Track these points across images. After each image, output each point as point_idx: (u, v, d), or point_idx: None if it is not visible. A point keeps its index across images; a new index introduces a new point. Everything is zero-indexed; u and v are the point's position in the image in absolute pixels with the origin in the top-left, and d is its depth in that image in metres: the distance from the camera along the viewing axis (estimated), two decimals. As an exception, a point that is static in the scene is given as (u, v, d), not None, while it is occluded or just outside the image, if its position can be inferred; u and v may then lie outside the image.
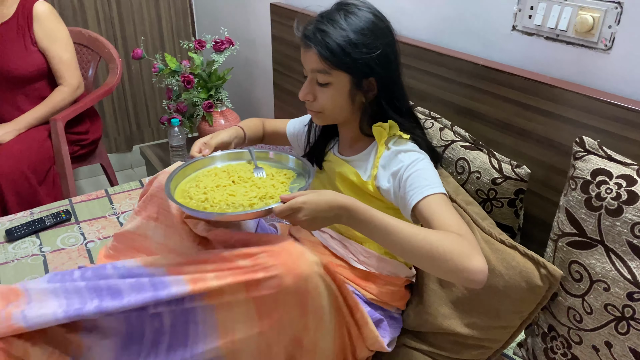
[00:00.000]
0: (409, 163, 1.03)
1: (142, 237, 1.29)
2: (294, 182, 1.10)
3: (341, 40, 1.00)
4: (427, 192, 0.99)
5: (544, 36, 1.18)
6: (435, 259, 0.88)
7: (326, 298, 0.93)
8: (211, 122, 2.27)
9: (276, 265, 0.88)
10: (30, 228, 1.60)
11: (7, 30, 1.92)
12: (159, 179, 1.24)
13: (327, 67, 1.02)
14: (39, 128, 1.98)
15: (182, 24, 2.93)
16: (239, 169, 1.13)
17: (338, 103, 1.07)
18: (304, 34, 1.06)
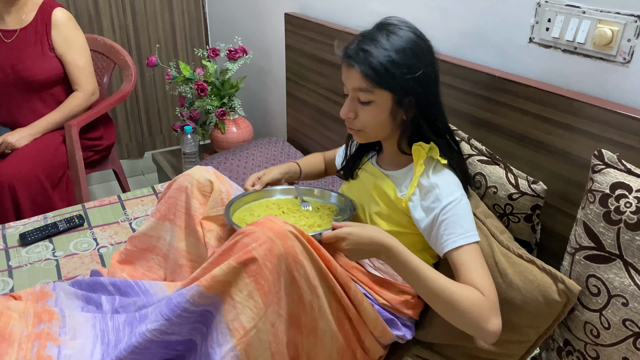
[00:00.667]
0: (446, 204, 1.04)
1: (155, 238, 1.31)
2: (337, 214, 1.22)
3: (384, 59, 1.01)
4: (460, 242, 1.01)
5: (562, 49, 1.18)
6: (455, 314, 0.95)
7: (309, 264, 0.97)
8: (223, 129, 2.28)
9: (256, 231, 0.95)
10: (43, 232, 1.61)
11: (25, 35, 1.95)
12: (179, 181, 1.27)
13: (370, 86, 1.03)
14: (54, 133, 2.00)
15: (196, 33, 2.95)
16: (288, 202, 1.28)
17: (379, 121, 1.08)
18: (346, 53, 1.07)
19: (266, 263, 0.93)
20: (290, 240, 0.95)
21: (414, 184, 1.09)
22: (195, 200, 1.25)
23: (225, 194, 1.27)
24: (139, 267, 1.33)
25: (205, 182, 1.27)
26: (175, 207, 1.28)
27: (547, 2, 1.19)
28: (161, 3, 2.79)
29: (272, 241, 0.94)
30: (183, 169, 2.29)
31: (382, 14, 1.71)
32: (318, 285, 0.99)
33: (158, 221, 1.30)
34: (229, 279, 0.94)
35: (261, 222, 0.97)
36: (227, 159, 2.01)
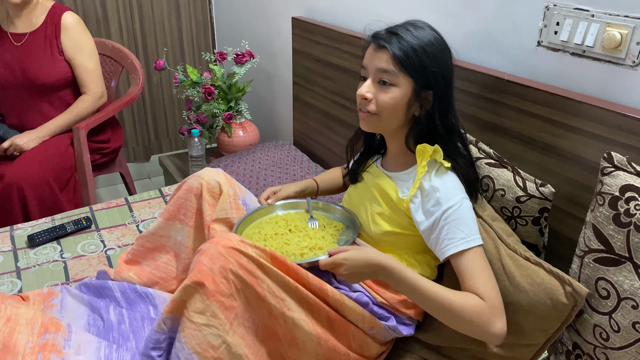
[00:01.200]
0: (446, 208, 1.04)
1: (165, 237, 1.33)
2: (342, 234, 1.24)
3: (415, 44, 1.04)
4: (461, 246, 1.02)
5: (570, 52, 1.18)
6: (458, 322, 0.98)
7: (270, 278, 0.98)
8: (230, 133, 2.29)
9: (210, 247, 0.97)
10: (51, 234, 1.62)
11: (35, 39, 1.97)
12: (189, 182, 1.28)
13: (397, 69, 1.05)
14: (62, 136, 2.01)
15: (203, 37, 2.97)
16: (296, 218, 1.30)
17: (396, 107, 1.08)
18: (377, 34, 1.09)
19: (222, 280, 0.94)
20: (244, 257, 0.96)
21: (416, 185, 1.09)
22: (205, 203, 1.26)
23: (233, 197, 1.28)
24: (145, 267, 1.34)
25: (215, 184, 1.28)
26: (186, 207, 1.29)
27: (555, 6, 1.19)
28: (169, 7, 2.81)
29: (225, 258, 0.95)
30: (190, 172, 2.30)
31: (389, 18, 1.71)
32: (285, 297, 0.99)
33: (167, 221, 1.31)
34: (184, 298, 0.95)
35: (216, 240, 0.98)
36: (233, 162, 2.02)
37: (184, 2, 2.84)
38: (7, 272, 1.46)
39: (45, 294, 1.29)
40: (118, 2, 2.66)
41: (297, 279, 1.02)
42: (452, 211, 1.04)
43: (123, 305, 1.26)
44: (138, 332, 1.18)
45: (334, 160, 2.04)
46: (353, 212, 1.25)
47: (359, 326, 1.09)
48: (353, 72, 1.81)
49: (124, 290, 1.28)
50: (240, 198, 1.30)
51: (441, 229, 1.05)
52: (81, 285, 1.34)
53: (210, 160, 2.40)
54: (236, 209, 1.26)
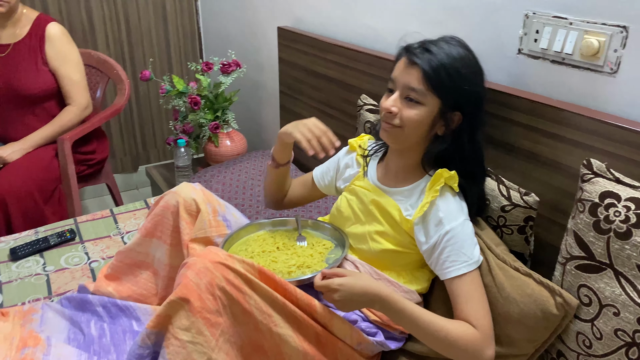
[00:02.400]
0: (449, 230, 1.05)
1: (143, 254, 1.31)
2: (331, 252, 1.23)
3: (448, 64, 1.02)
4: (463, 269, 1.04)
5: (550, 59, 1.19)
6: (451, 351, 1.00)
7: (257, 294, 0.97)
8: (217, 143, 2.28)
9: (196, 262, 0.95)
10: (34, 247, 1.59)
11: (19, 49, 1.96)
12: (166, 198, 1.25)
13: (426, 88, 1.03)
14: (46, 147, 2.00)
15: (190, 47, 2.97)
16: (285, 236, 1.28)
17: (421, 124, 1.07)
18: (410, 49, 1.07)
19: (208, 296, 0.93)
20: (231, 273, 0.95)
21: (424, 207, 1.08)
22: (182, 221, 1.23)
23: (212, 214, 1.25)
24: (125, 282, 1.32)
25: (191, 202, 1.24)
26: (163, 224, 1.26)
27: (535, 14, 1.20)
28: (156, 18, 2.81)
29: (212, 273, 0.94)
30: (176, 182, 2.29)
31: (375, 28, 1.73)
32: (272, 313, 0.98)
33: (145, 238, 1.29)
34: (169, 313, 0.94)
35: (203, 254, 0.97)
36: (220, 172, 2.01)
37: (172, 12, 2.84)
38: (-12, 286, 1.44)
39: (25, 310, 1.27)
40: (105, 13, 2.66)
41: (285, 294, 1.01)
42: (454, 233, 1.05)
43: (105, 319, 1.24)
44: (119, 345, 1.16)
45: (320, 169, 2.03)
46: (343, 231, 1.24)
47: (346, 342, 1.08)
48: (339, 81, 1.82)
49: (105, 304, 1.26)
50: (220, 214, 1.28)
51: (443, 250, 1.05)
52: (62, 299, 1.32)
53: (197, 170, 2.39)
54: (216, 226, 1.25)
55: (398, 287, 1.13)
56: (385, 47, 1.67)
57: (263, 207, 1.80)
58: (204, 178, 1.99)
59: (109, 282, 1.32)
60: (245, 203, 1.83)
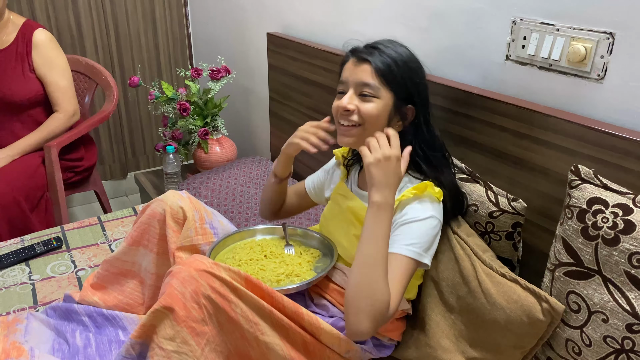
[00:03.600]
0: (410, 217, 1.05)
1: (129, 263, 1.29)
2: (318, 261, 1.22)
3: (397, 58, 1.07)
4: (400, 250, 1.02)
5: (538, 66, 1.19)
6: (362, 289, 0.97)
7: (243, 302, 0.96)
8: (206, 149, 2.27)
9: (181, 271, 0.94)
10: (19, 256, 1.57)
11: (5, 56, 1.93)
12: (152, 206, 1.24)
13: (379, 82, 1.06)
14: (33, 154, 1.97)
15: (180, 53, 2.96)
16: (272, 244, 1.27)
17: (379, 118, 1.08)
18: (357, 49, 1.10)
19: (193, 305, 0.92)
20: (217, 281, 0.94)
21: (395, 204, 1.07)
22: (169, 229, 1.22)
23: (199, 221, 1.24)
24: (111, 292, 1.30)
25: (178, 210, 1.23)
26: (149, 233, 1.25)
27: (522, 20, 1.20)
28: (145, 24, 2.80)
29: (197, 281, 0.93)
30: (165, 189, 2.27)
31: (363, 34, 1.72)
32: (259, 321, 0.97)
33: (131, 246, 1.28)
34: (153, 323, 0.92)
35: (188, 262, 0.96)
36: (209, 178, 2.00)
37: (161, 18, 2.83)
38: (-28, 296, 1.42)
39: (10, 320, 1.25)
40: (93, 19, 2.64)
41: (272, 302, 1.00)
42: (412, 221, 1.04)
43: (91, 329, 1.22)
44: (105, 355, 1.15)
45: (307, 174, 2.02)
46: (331, 240, 1.24)
47: (334, 350, 1.07)
48: (328, 87, 1.81)
49: (91, 314, 1.24)
50: (207, 222, 1.26)
51: (396, 228, 1.05)
52: (47, 309, 1.30)
53: (186, 176, 2.38)
54: (202, 234, 1.23)
55: None
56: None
57: (252, 214, 1.79)
58: (193, 185, 1.97)
59: (95, 292, 1.31)
60: (235, 210, 1.81)
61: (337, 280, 1.17)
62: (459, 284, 1.11)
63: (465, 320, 1.10)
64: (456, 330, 1.10)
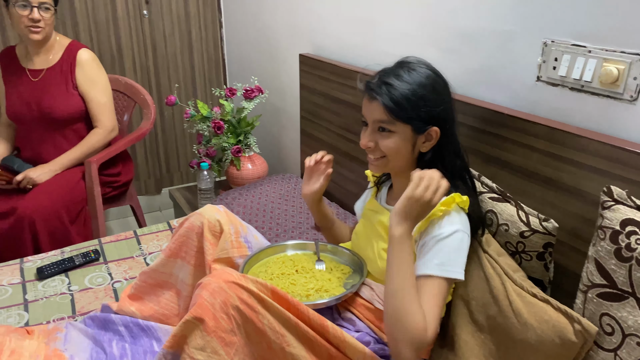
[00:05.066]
0: (439, 233, 1.05)
1: (166, 274, 1.33)
2: (349, 277, 1.24)
3: (406, 92, 1.06)
4: (433, 271, 1.03)
5: (569, 87, 1.20)
6: (396, 319, 0.98)
7: (271, 314, 0.99)
8: (239, 166, 2.32)
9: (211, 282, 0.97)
10: (60, 267, 1.63)
11: (52, 74, 2.04)
12: (191, 220, 1.29)
13: (391, 119, 1.07)
14: (74, 169, 2.06)
15: (215, 73, 3.04)
16: (304, 259, 1.30)
17: (400, 149, 1.10)
18: (369, 86, 1.11)
19: (222, 316, 0.95)
20: (245, 292, 0.97)
21: (426, 222, 1.08)
22: (207, 242, 1.26)
23: (234, 235, 1.29)
24: (147, 302, 1.34)
25: (215, 223, 1.28)
26: (187, 245, 1.29)
27: (553, 42, 1.21)
28: (182, 45, 2.90)
29: (226, 293, 0.96)
30: (198, 205, 2.33)
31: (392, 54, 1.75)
32: (285, 333, 1.00)
33: (169, 258, 1.32)
34: (184, 333, 0.95)
35: (217, 274, 0.99)
36: (241, 194, 2.04)
37: (197, 40, 2.93)
38: (15, 304, 1.48)
39: (50, 329, 1.30)
40: (132, 40, 2.75)
41: (298, 314, 1.02)
42: (441, 237, 1.04)
43: (127, 339, 1.26)
44: None
45: (339, 193, 2.05)
46: (361, 257, 1.25)
47: None
48: (358, 106, 1.83)
49: (127, 324, 1.28)
50: (242, 235, 1.30)
51: (425, 248, 1.06)
52: (86, 318, 1.35)
53: (219, 193, 2.43)
54: (237, 247, 1.27)
55: None
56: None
57: (282, 229, 1.82)
58: (226, 201, 2.02)
59: (132, 302, 1.35)
60: (265, 225, 1.85)
61: (365, 295, 1.18)
62: (489, 304, 1.10)
63: (495, 340, 1.09)
64: (486, 350, 1.10)
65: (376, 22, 1.78)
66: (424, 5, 1.56)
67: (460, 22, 1.45)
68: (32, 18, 1.89)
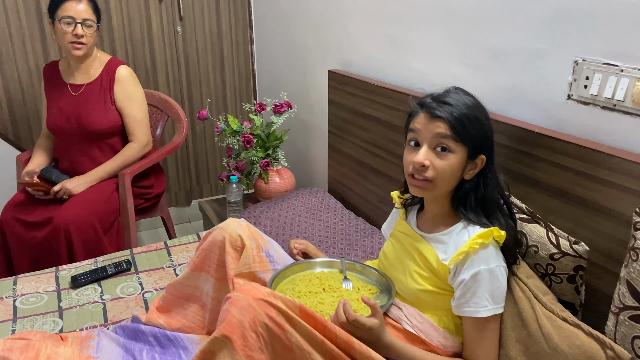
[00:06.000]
0: (477, 271, 1.06)
1: (192, 287, 1.35)
2: (376, 298, 1.24)
3: (467, 112, 1.08)
4: (484, 313, 1.06)
5: (600, 106, 1.19)
6: None
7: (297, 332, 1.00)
8: (267, 180, 2.35)
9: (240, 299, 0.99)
10: (93, 276, 1.68)
11: (91, 89, 2.11)
12: (213, 234, 1.31)
13: (454, 139, 1.07)
14: (108, 181, 2.12)
15: (245, 88, 3.10)
16: (330, 278, 1.30)
17: (454, 171, 1.10)
18: (427, 103, 1.11)
19: (251, 334, 0.96)
20: (274, 310, 0.98)
21: (460, 256, 1.08)
22: (228, 256, 1.28)
23: (256, 249, 1.30)
24: (175, 315, 1.37)
25: (236, 237, 1.29)
26: (210, 259, 1.32)
27: (584, 61, 1.20)
28: (214, 60, 2.97)
29: (255, 310, 0.97)
30: (227, 217, 2.36)
31: (420, 71, 1.77)
32: (312, 351, 1.00)
33: (193, 272, 1.35)
34: (213, 349, 0.97)
35: (246, 289, 1.01)
36: (269, 208, 2.07)
37: (228, 56, 2.99)
38: (50, 311, 1.53)
39: (83, 337, 1.34)
40: (166, 55, 2.83)
41: (325, 332, 1.03)
42: (483, 276, 1.05)
43: (156, 349, 1.29)
44: None
45: (366, 208, 2.06)
46: (389, 278, 1.25)
47: None
48: (386, 122, 1.85)
49: (155, 335, 1.31)
50: (264, 250, 1.32)
51: (468, 289, 1.06)
52: (117, 327, 1.39)
53: (247, 205, 2.46)
54: (259, 262, 1.29)
55: (439, 332, 1.14)
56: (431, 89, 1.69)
57: (310, 244, 1.83)
58: (254, 214, 2.05)
59: (160, 314, 1.38)
60: (293, 238, 1.86)
61: (393, 315, 1.19)
62: (518, 327, 1.09)
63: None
64: (516, 374, 1.08)
65: (406, 38, 1.79)
66: (454, 22, 1.57)
67: (490, 39, 1.45)
68: (76, 34, 1.97)
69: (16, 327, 1.45)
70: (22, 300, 1.57)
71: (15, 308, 1.54)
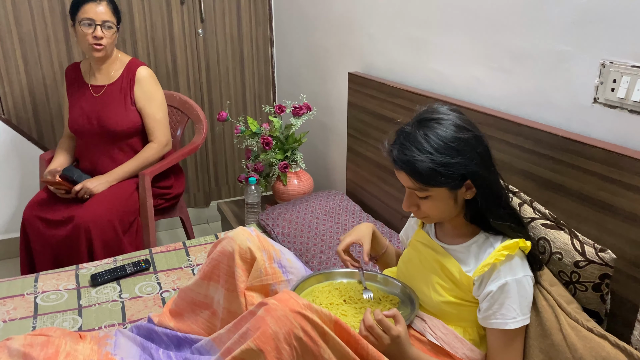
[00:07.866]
0: (504, 283, 1.05)
1: (202, 295, 1.35)
2: (398, 308, 1.22)
3: (428, 163, 1.01)
4: (511, 325, 1.04)
5: (628, 109, 1.16)
6: None
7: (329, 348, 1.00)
8: (285, 182, 2.35)
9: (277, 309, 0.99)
10: (112, 275, 1.70)
11: (112, 90, 2.14)
12: (223, 244, 1.30)
13: (422, 186, 1.05)
14: (128, 181, 2.14)
15: (265, 90, 3.11)
16: (350, 288, 1.27)
17: (442, 208, 1.10)
18: (392, 157, 1.08)
19: (285, 347, 0.96)
20: (309, 324, 0.98)
21: (485, 267, 1.07)
22: (238, 268, 1.28)
23: (267, 261, 1.30)
24: (186, 319, 1.37)
25: (246, 249, 1.29)
26: (219, 269, 1.31)
27: (611, 64, 1.17)
28: (234, 63, 2.98)
29: (291, 323, 0.97)
30: (245, 218, 2.37)
31: (442, 73, 1.74)
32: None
33: (203, 280, 1.34)
34: (245, 357, 0.97)
35: (284, 299, 1.00)
36: (287, 210, 2.06)
37: (248, 58, 3.01)
38: (70, 309, 1.54)
39: (101, 336, 1.35)
40: (187, 57, 2.86)
41: (357, 349, 1.03)
42: (510, 287, 1.04)
43: (172, 348, 1.29)
44: None
45: (385, 211, 2.04)
46: (412, 289, 1.23)
47: None
48: (406, 125, 1.84)
49: (168, 335, 1.32)
50: (276, 261, 1.31)
51: (495, 300, 1.05)
52: (133, 327, 1.39)
53: (265, 207, 2.46)
54: (272, 273, 1.29)
55: (464, 344, 1.12)
56: (452, 91, 1.68)
57: (326, 246, 1.82)
58: (272, 215, 2.04)
59: (172, 318, 1.38)
60: (310, 241, 1.86)
61: (417, 327, 1.17)
62: (541, 337, 1.07)
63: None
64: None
65: (427, 40, 1.78)
66: (477, 24, 1.55)
67: (513, 41, 1.43)
68: (96, 36, 2.00)
69: (37, 323, 1.47)
70: (43, 298, 1.59)
71: (36, 305, 1.56)
